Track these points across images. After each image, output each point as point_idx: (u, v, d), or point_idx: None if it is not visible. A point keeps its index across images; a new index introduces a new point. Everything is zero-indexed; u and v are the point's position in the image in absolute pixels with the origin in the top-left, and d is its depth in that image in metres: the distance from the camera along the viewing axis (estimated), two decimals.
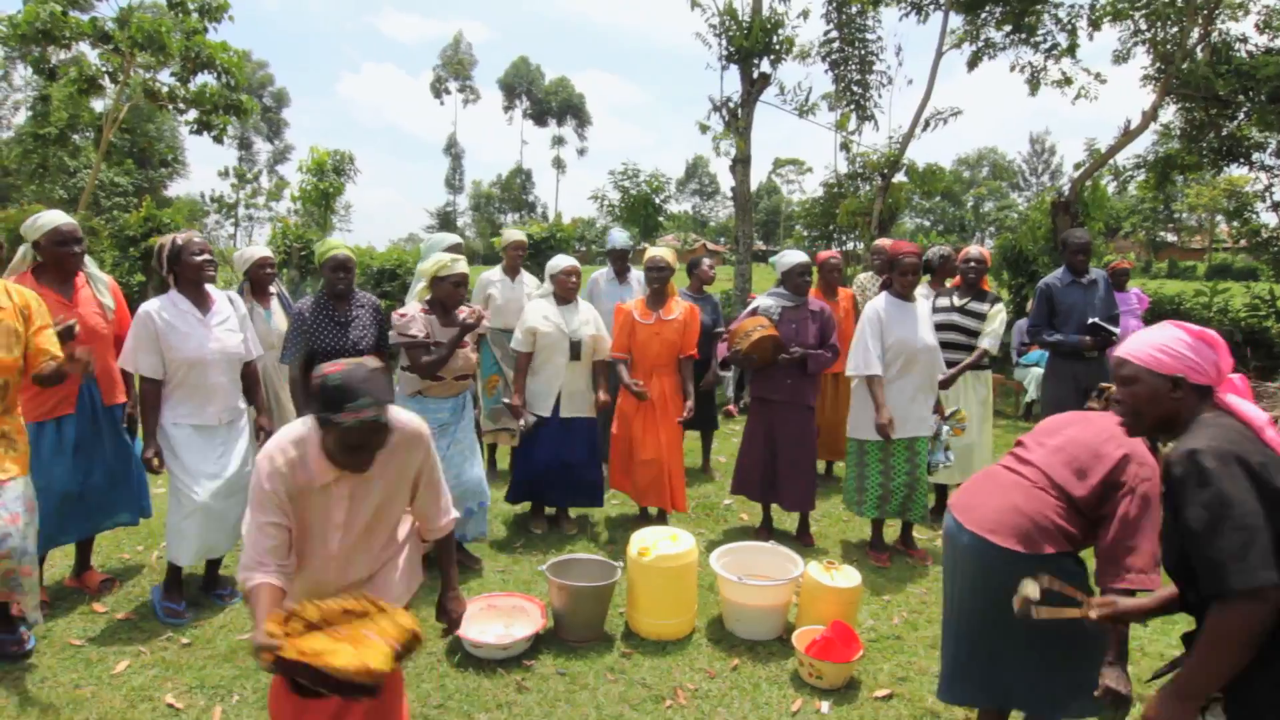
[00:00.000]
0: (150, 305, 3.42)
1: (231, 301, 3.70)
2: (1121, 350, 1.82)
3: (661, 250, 4.78)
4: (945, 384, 4.52)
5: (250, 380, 3.74)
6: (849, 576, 3.43)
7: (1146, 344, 1.77)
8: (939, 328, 4.57)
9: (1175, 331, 1.76)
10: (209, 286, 3.61)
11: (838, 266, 5.71)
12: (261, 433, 3.71)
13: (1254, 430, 1.65)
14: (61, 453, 3.46)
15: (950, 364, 4.65)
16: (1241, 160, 10.71)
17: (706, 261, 5.91)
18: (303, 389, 3.87)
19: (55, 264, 3.47)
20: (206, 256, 3.50)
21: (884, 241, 6.79)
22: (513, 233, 5.68)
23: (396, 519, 2.35)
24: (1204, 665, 1.58)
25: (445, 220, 66.64)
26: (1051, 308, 4.95)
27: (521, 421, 4.46)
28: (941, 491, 5.09)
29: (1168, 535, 1.73)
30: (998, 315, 4.77)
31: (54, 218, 3.46)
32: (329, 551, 2.19)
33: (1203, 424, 1.68)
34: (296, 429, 2.14)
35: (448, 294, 3.86)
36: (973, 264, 4.87)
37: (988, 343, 4.74)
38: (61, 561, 3.94)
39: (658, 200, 13.11)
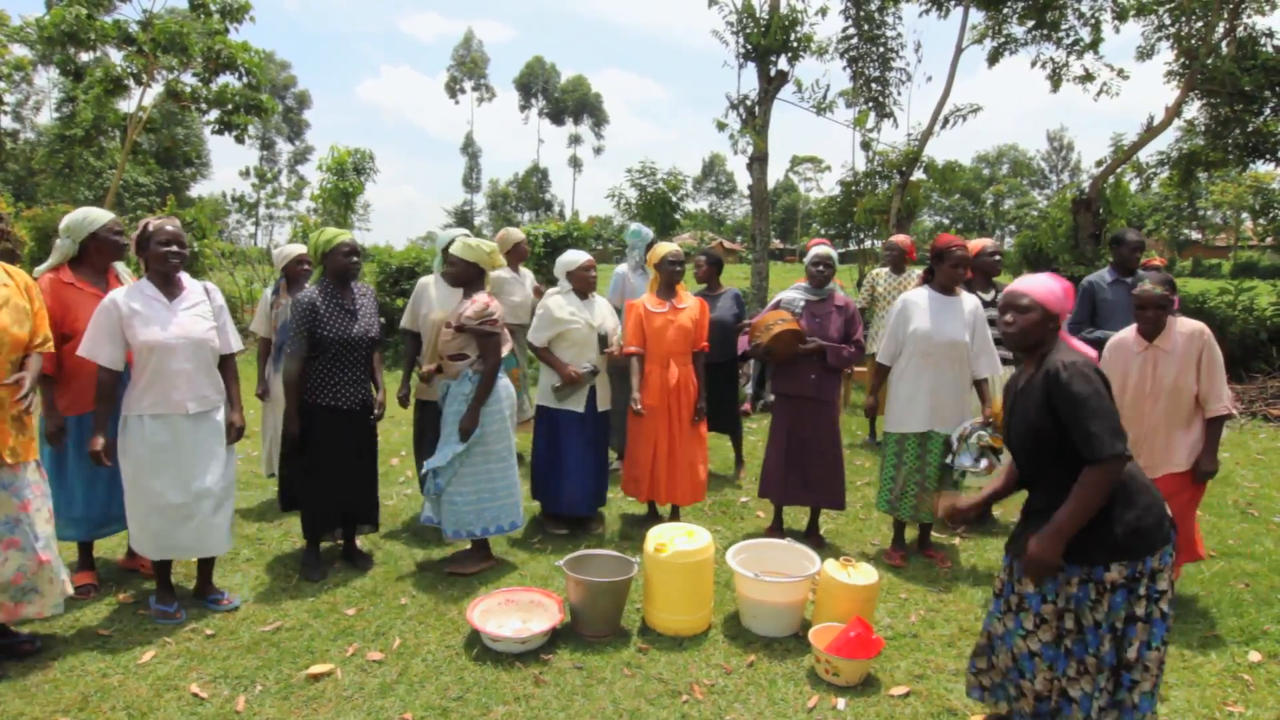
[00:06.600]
0: (116, 293, 3.31)
1: (208, 291, 3.56)
2: (1023, 286, 2.44)
3: (675, 245, 4.85)
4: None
5: (228, 375, 3.60)
6: (866, 574, 3.43)
7: (1044, 287, 2.42)
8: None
9: (1055, 284, 2.44)
10: (184, 276, 3.48)
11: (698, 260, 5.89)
12: (233, 429, 3.57)
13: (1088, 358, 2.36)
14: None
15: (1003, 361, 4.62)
16: (1268, 156, 10.54)
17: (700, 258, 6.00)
18: (297, 387, 3.75)
19: (106, 255, 3.61)
20: (173, 248, 3.34)
21: (899, 238, 6.75)
22: (517, 232, 5.69)
23: None
24: (1076, 511, 2.20)
25: (463, 218, 67.03)
26: (1094, 306, 4.90)
27: (581, 368, 4.47)
28: None
29: (1024, 426, 2.37)
30: None
31: (104, 212, 3.62)
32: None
33: (1062, 347, 2.39)
34: None
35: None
36: (997, 256, 4.81)
37: None
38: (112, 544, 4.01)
39: (674, 198, 13.11)
